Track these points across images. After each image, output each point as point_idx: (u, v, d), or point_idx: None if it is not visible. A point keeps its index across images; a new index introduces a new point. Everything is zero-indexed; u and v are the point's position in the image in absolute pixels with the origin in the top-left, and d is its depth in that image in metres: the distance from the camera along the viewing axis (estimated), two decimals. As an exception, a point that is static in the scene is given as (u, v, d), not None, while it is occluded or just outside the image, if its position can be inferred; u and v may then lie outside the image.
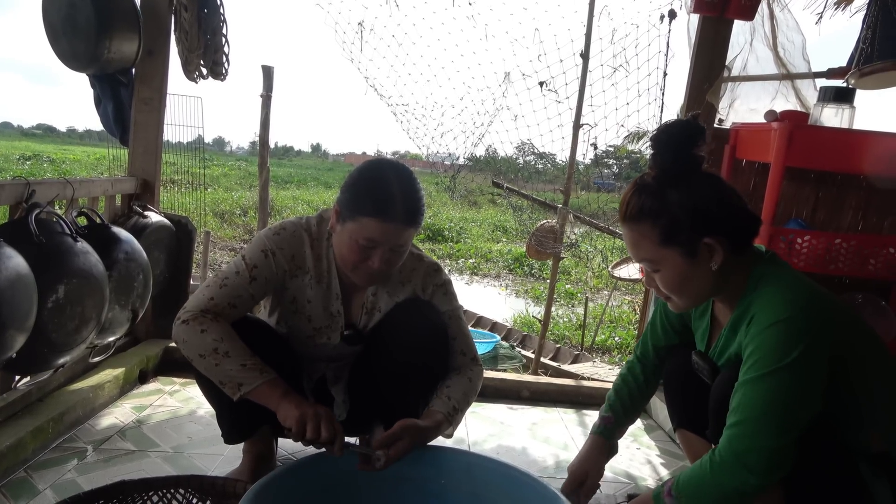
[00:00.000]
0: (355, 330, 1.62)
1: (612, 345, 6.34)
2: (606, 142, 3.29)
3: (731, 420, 1.19)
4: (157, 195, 2.59)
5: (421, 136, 3.52)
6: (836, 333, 1.19)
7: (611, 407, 1.63)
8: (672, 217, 1.24)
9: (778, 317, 1.17)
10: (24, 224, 1.66)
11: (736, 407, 1.19)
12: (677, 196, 1.24)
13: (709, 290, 1.31)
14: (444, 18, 2.98)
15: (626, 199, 1.31)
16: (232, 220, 12.68)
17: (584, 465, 1.56)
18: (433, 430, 1.45)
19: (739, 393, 1.19)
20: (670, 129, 1.29)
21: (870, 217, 2.49)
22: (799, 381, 1.14)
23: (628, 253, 1.38)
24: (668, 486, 1.25)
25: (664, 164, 1.27)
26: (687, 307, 1.35)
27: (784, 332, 1.15)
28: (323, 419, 1.33)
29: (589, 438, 1.61)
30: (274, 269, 1.52)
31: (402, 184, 1.42)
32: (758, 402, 1.16)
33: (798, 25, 2.49)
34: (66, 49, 2.27)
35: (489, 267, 10.99)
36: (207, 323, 1.40)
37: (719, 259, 1.25)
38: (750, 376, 1.18)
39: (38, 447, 1.78)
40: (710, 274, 1.27)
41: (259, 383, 1.36)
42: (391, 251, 1.44)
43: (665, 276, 1.29)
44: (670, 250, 1.26)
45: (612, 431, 1.61)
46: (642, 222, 1.27)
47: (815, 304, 1.19)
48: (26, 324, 1.56)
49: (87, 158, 20.38)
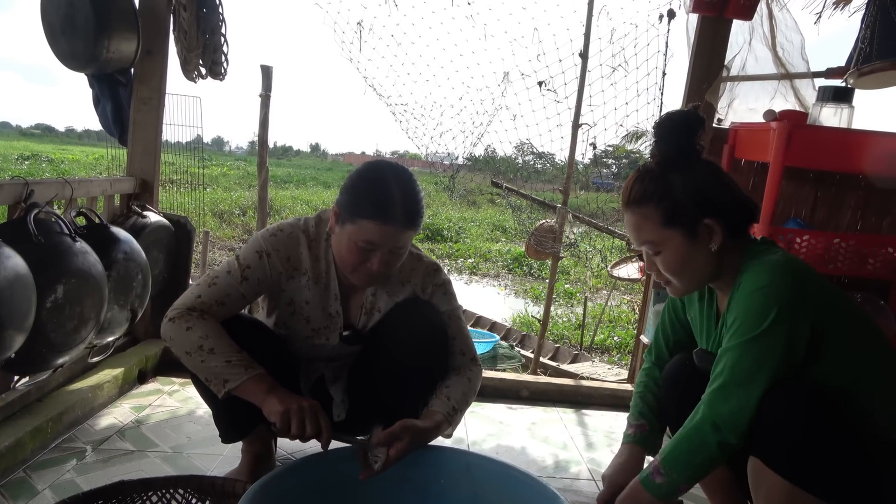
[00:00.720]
0: (354, 330, 1.62)
1: (611, 344, 6.34)
2: (605, 141, 3.30)
3: (714, 385, 1.23)
4: (155, 195, 2.59)
5: (420, 136, 3.52)
6: (817, 300, 1.22)
7: (641, 414, 1.57)
8: (674, 199, 1.29)
9: (759, 284, 1.21)
10: (22, 224, 1.66)
11: (720, 372, 1.23)
12: (680, 179, 1.30)
13: (708, 273, 1.34)
14: (443, 18, 2.98)
15: (629, 185, 1.36)
16: (231, 220, 12.68)
17: (622, 475, 1.48)
18: (433, 431, 1.45)
19: (724, 359, 1.23)
20: (672, 116, 1.36)
21: (869, 217, 2.49)
22: (778, 343, 1.18)
23: (630, 239, 1.41)
24: (655, 466, 1.28)
25: (667, 151, 1.33)
26: (686, 291, 1.38)
27: (764, 297, 1.20)
28: (307, 413, 1.32)
29: (624, 448, 1.55)
30: (268, 270, 1.52)
31: (401, 186, 1.42)
32: (739, 366, 1.20)
33: (797, 25, 2.50)
34: (65, 48, 2.27)
35: (488, 267, 10.99)
36: (193, 320, 1.40)
37: (718, 240, 1.29)
38: (732, 343, 1.22)
39: (37, 447, 1.78)
40: (710, 255, 1.31)
41: (244, 379, 1.35)
42: (390, 253, 1.44)
43: (666, 257, 1.33)
44: (672, 231, 1.30)
45: (647, 439, 1.54)
46: (645, 205, 1.32)
47: (797, 273, 1.23)
48: (25, 324, 1.55)
49: (86, 158, 20.36)
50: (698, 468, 1.25)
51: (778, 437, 1.17)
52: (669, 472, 1.24)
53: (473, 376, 1.60)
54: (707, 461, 1.24)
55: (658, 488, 1.26)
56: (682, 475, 1.24)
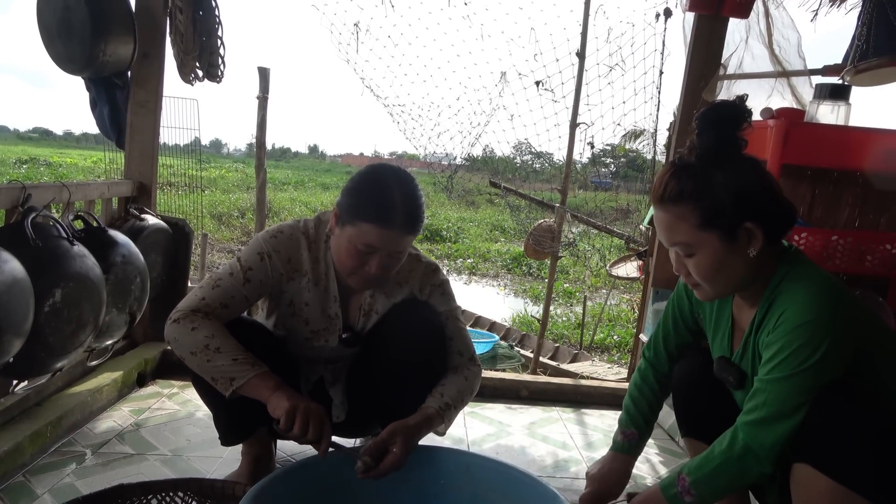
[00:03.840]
0: (353, 332, 1.62)
1: (610, 343, 6.34)
2: (603, 140, 3.31)
3: (755, 416, 1.19)
4: (153, 198, 2.59)
5: (418, 137, 3.53)
6: (860, 330, 1.19)
7: (632, 421, 1.56)
8: (715, 199, 1.21)
9: (805, 318, 1.16)
10: (20, 228, 1.65)
11: (761, 404, 1.19)
12: (722, 177, 1.21)
13: (741, 280, 1.28)
14: (440, 18, 2.99)
15: (663, 180, 1.26)
16: (229, 222, 12.68)
17: (607, 480, 1.50)
18: (423, 425, 1.44)
19: (766, 391, 1.19)
20: (719, 108, 1.26)
21: (866, 213, 2.49)
22: (825, 375, 1.16)
23: (660, 238, 1.33)
24: (685, 486, 1.24)
25: (708, 144, 1.23)
26: (717, 296, 1.32)
27: (810, 332, 1.15)
28: (313, 416, 1.31)
29: (611, 455, 1.55)
30: (269, 271, 1.52)
31: (403, 190, 1.42)
32: (784, 400, 1.17)
33: (793, 23, 2.50)
34: (62, 52, 2.27)
35: (487, 267, 11.00)
36: (198, 321, 1.40)
37: (757, 246, 1.22)
38: (776, 376, 1.18)
39: (36, 451, 1.78)
40: (747, 261, 1.24)
41: (251, 376, 1.35)
42: (389, 257, 1.44)
43: (700, 261, 1.25)
44: (709, 234, 1.22)
45: (635, 447, 1.55)
46: (682, 204, 1.23)
47: (838, 299, 1.19)
48: (23, 328, 1.55)
49: (84, 162, 20.37)
50: (729, 491, 1.25)
51: (832, 441, 1.14)
52: (701, 494, 1.23)
53: (470, 375, 1.60)
54: (740, 486, 1.24)
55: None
56: (713, 497, 1.24)
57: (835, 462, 1.14)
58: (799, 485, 1.20)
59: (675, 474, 1.27)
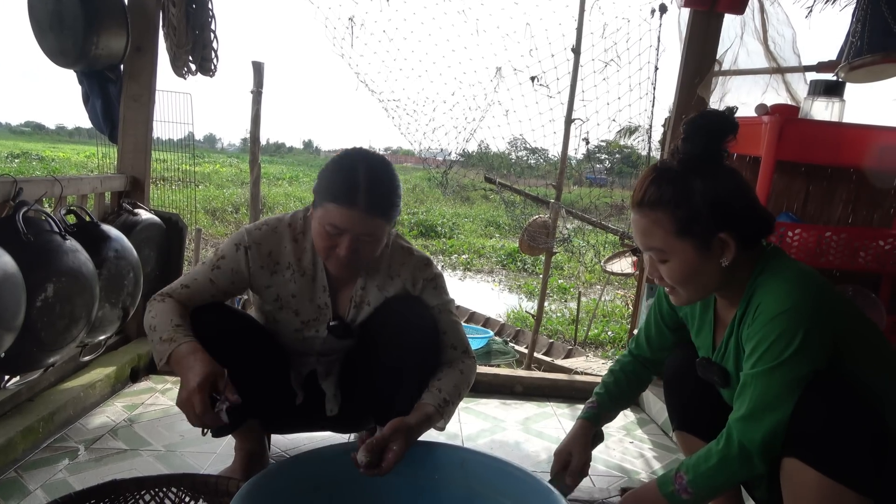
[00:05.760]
0: (342, 321, 1.61)
1: (605, 339, 6.36)
2: (598, 136, 3.31)
3: (742, 412, 1.20)
4: (147, 192, 2.57)
5: (413, 132, 3.53)
6: (838, 321, 1.20)
7: (597, 395, 1.62)
8: (692, 208, 1.22)
9: (781, 308, 1.18)
10: (11, 222, 1.64)
11: (747, 400, 1.20)
12: (701, 186, 1.22)
13: (714, 285, 1.30)
14: (435, 13, 2.98)
15: (643, 184, 1.27)
16: (223, 218, 12.63)
17: (567, 446, 1.54)
18: (424, 424, 1.44)
19: (750, 387, 1.20)
20: (708, 116, 1.27)
21: (860, 210, 2.50)
22: (806, 365, 1.16)
23: (635, 241, 1.34)
24: (682, 485, 1.25)
25: (692, 151, 1.25)
26: (691, 301, 1.34)
27: (786, 322, 1.17)
28: (197, 407, 1.22)
29: (575, 423, 1.60)
30: (242, 263, 1.52)
31: (370, 173, 1.41)
32: (768, 393, 1.18)
33: (788, 19, 2.50)
34: (54, 45, 2.25)
35: (482, 262, 11.00)
36: (154, 304, 1.46)
37: (730, 256, 1.24)
38: (758, 370, 1.19)
39: (28, 447, 1.77)
40: (719, 269, 1.25)
41: (169, 352, 1.31)
42: (358, 240, 1.42)
43: (673, 267, 1.27)
44: (683, 242, 1.24)
45: (597, 416, 1.59)
46: (659, 210, 1.24)
47: (817, 293, 1.20)
48: (15, 323, 1.54)
49: (77, 156, 20.24)
50: (726, 488, 1.29)
51: (819, 435, 1.15)
52: (699, 492, 1.24)
53: (466, 368, 1.59)
54: (735, 483, 1.27)
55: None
56: (710, 495, 1.26)
57: (822, 456, 1.15)
58: (788, 479, 1.21)
59: (672, 471, 1.28)
